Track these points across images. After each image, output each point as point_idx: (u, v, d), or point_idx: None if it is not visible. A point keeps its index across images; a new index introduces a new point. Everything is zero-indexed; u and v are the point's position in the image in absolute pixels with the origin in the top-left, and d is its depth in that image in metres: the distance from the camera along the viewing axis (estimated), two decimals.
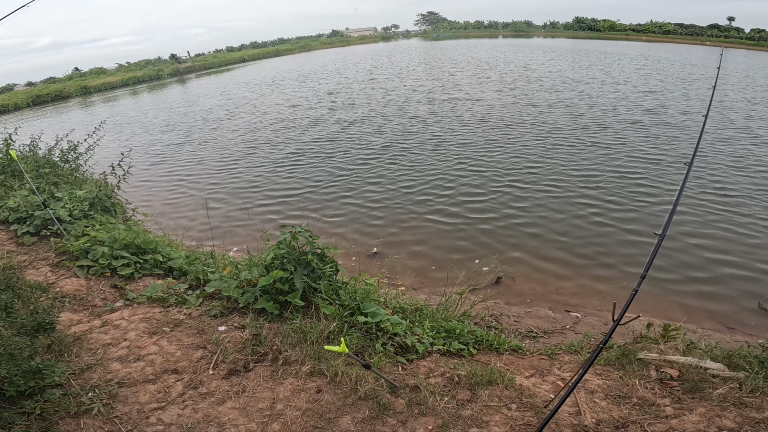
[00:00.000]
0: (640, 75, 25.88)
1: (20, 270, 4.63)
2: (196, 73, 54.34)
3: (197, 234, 7.63)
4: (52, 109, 32.62)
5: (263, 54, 74.56)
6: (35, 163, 7.45)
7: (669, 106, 16.74)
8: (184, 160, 14.09)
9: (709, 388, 2.93)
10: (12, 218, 5.83)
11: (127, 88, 44.41)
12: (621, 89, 20.88)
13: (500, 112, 16.81)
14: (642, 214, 8.07)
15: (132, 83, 48.00)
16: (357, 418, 2.72)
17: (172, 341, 3.47)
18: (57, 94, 40.52)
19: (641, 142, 12.28)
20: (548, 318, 5.27)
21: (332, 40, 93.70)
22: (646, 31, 69.94)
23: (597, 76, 25.73)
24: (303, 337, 3.36)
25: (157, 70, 54.31)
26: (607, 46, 50.47)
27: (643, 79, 24.18)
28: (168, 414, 2.73)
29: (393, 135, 14.48)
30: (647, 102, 17.52)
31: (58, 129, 11.66)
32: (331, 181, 10.88)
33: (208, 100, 27.06)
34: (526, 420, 2.75)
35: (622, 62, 33.48)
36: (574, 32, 76.57)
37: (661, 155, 11.13)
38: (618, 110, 16.38)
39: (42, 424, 2.54)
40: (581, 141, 12.63)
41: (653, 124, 14.30)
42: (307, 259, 3.81)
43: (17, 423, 2.52)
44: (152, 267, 4.84)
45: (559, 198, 8.92)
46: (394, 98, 21.22)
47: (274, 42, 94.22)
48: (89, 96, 41.09)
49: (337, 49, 75.73)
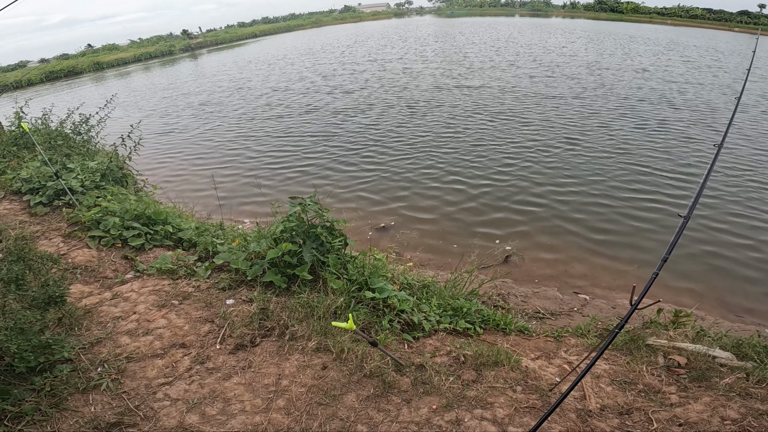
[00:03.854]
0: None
1: (32, 240, 4.67)
2: (208, 49, 54.02)
3: (208, 203, 7.69)
4: (65, 85, 32.74)
5: (275, 29, 73.84)
6: (47, 136, 7.48)
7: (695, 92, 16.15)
8: (197, 132, 14.16)
9: (716, 377, 2.90)
10: (25, 189, 5.89)
11: (140, 64, 44.42)
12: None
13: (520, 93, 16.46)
14: (660, 197, 7.90)
15: (144, 59, 47.94)
16: (362, 396, 2.73)
17: (180, 314, 3.50)
18: (70, 70, 40.75)
19: (664, 126, 11.99)
20: (556, 299, 5.23)
21: (344, 16, 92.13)
22: (672, 15, 67.38)
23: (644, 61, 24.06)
24: (310, 311, 3.36)
25: (168, 45, 54.10)
26: (632, 29, 48.51)
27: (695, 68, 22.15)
28: (175, 389, 2.75)
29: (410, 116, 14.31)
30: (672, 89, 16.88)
31: (70, 103, 11.67)
32: (346, 153, 10.88)
33: (226, 73, 26.93)
34: (531, 403, 2.73)
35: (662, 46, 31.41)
36: (594, 13, 74.08)
37: (686, 140, 10.83)
38: (643, 91, 15.88)
39: (51, 401, 2.56)
40: (605, 124, 12.31)
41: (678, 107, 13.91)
42: (316, 232, 3.77)
43: (27, 400, 2.53)
44: (162, 238, 4.86)
45: (573, 178, 8.78)
46: (412, 79, 20.87)
47: (286, 17, 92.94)
48: (102, 71, 41.17)
49: (349, 25, 74.45)
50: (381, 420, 2.57)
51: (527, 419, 2.60)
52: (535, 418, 2.62)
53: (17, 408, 2.45)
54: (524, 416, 2.62)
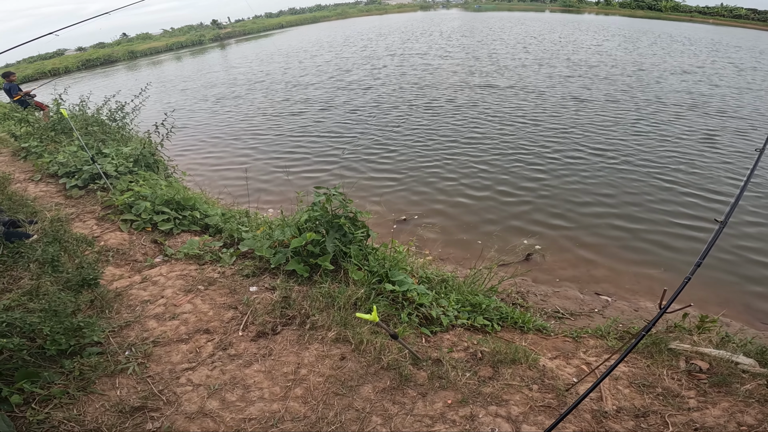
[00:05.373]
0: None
1: (68, 222, 4.85)
2: (236, 39, 54.60)
3: (232, 192, 7.85)
4: (101, 73, 33.71)
5: (300, 20, 74.04)
6: (84, 122, 7.74)
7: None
8: (227, 119, 14.44)
9: (736, 383, 2.85)
10: (61, 172, 6.12)
11: (171, 53, 45.32)
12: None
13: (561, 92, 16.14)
14: (692, 201, 7.67)
15: (175, 48, 48.90)
16: (378, 388, 2.77)
17: (205, 300, 3.60)
18: (106, 58, 42.01)
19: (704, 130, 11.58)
20: (576, 299, 5.17)
21: (370, 8, 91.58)
22: (714, 14, 64.43)
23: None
24: (331, 301, 3.42)
25: (199, 35, 55.02)
26: (670, 27, 46.20)
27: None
28: (197, 375, 2.83)
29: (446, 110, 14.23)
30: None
31: (105, 90, 12.05)
32: (370, 145, 10.93)
33: (253, 65, 27.26)
34: (547, 402, 2.74)
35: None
36: (630, 10, 71.35)
37: (724, 146, 10.44)
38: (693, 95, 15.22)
39: (80, 384, 2.62)
40: (640, 128, 11.94)
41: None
42: (340, 222, 3.78)
43: (56, 382, 2.59)
44: (190, 223, 5.00)
45: (604, 179, 8.61)
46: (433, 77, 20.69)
47: (312, 8, 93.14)
48: (136, 60, 42.22)
49: (374, 17, 74.09)
50: (396, 412, 2.61)
51: (542, 418, 2.61)
52: (549, 417, 2.62)
53: (46, 391, 2.50)
54: (539, 415, 2.63)
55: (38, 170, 6.55)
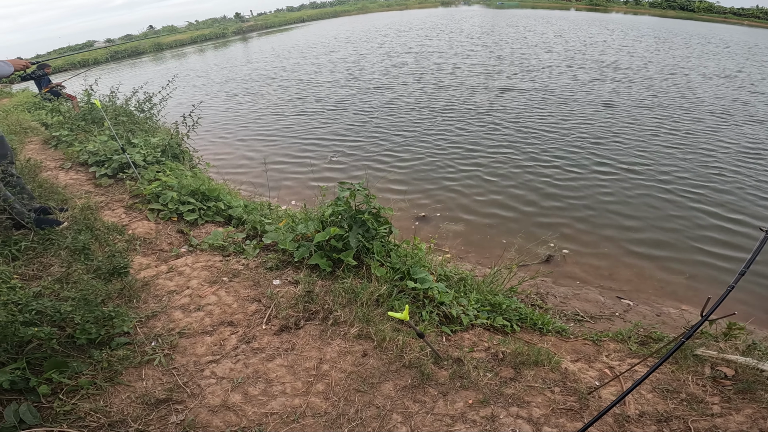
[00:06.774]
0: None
1: (97, 210, 4.96)
2: (258, 32, 55.11)
3: (253, 182, 7.94)
4: (128, 64, 34.45)
5: (321, 14, 74.25)
6: (114, 112, 7.92)
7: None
8: (249, 112, 14.65)
9: (761, 390, 2.80)
10: (91, 161, 6.27)
11: (195, 45, 46.09)
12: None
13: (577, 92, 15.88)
14: (727, 206, 7.50)
15: (200, 41, 49.74)
16: (399, 386, 2.77)
17: (230, 292, 3.64)
18: (133, 50, 43.06)
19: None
20: (597, 302, 5.12)
21: (390, 3, 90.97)
22: (749, 16, 62.17)
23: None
24: (353, 297, 3.43)
25: (222, 28, 55.83)
26: (703, 28, 44.42)
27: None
28: (221, 367, 2.84)
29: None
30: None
31: (133, 81, 12.32)
32: (391, 141, 10.99)
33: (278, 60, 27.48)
34: (569, 405, 2.72)
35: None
36: (661, 10, 69.13)
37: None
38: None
39: (107, 374, 2.62)
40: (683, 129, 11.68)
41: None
42: (363, 218, 3.78)
43: (84, 373, 2.58)
44: (214, 214, 5.08)
45: (636, 179, 8.48)
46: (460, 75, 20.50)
47: (333, 2, 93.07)
48: (161, 52, 43.07)
49: (395, 13, 73.66)
50: (416, 411, 2.62)
51: (563, 420, 2.60)
52: (571, 420, 2.61)
53: (73, 381, 2.48)
54: (560, 417, 2.62)
55: (68, 158, 6.73)
